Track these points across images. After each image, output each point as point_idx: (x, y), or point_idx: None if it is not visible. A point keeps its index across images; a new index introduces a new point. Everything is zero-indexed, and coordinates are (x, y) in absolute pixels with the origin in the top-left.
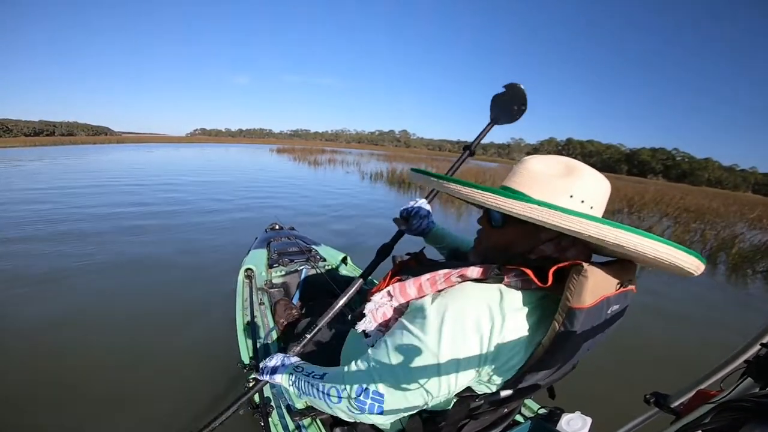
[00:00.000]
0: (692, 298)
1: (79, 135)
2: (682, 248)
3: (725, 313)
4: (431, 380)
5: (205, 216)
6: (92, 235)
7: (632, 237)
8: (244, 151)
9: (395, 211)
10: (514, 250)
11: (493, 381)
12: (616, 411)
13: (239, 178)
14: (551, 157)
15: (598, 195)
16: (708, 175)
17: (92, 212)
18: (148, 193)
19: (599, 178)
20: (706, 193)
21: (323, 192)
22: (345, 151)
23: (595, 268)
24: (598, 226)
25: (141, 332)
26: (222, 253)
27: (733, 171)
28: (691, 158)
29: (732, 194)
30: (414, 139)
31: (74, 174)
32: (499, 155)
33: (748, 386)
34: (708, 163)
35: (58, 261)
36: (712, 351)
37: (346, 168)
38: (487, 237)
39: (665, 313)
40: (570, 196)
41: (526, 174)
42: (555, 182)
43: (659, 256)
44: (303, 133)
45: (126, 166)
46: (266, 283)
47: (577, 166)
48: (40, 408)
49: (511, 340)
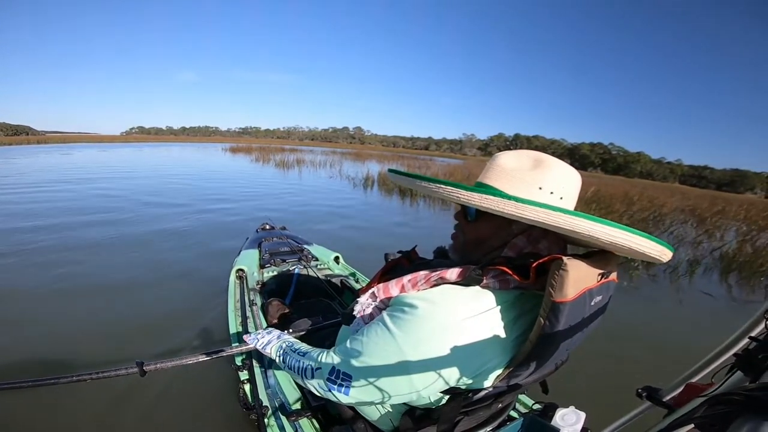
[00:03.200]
0: (685, 292)
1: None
2: (640, 234)
3: (719, 303)
4: (396, 376)
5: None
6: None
7: (586, 223)
8: (192, 151)
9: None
10: (489, 244)
11: (478, 379)
12: (610, 405)
13: (200, 189)
14: (521, 152)
15: (567, 186)
16: (640, 168)
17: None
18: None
19: (568, 170)
20: (657, 186)
21: (326, 209)
22: (306, 149)
23: (575, 261)
24: (548, 212)
25: (130, 335)
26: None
27: (661, 164)
28: (626, 152)
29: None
30: (368, 135)
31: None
32: (451, 150)
33: (739, 379)
34: (641, 156)
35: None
36: (704, 343)
37: (322, 171)
38: (463, 231)
39: (657, 306)
40: (539, 187)
41: (498, 169)
42: (524, 175)
43: (615, 242)
44: (253, 130)
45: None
46: (258, 283)
47: (545, 159)
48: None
49: (484, 340)
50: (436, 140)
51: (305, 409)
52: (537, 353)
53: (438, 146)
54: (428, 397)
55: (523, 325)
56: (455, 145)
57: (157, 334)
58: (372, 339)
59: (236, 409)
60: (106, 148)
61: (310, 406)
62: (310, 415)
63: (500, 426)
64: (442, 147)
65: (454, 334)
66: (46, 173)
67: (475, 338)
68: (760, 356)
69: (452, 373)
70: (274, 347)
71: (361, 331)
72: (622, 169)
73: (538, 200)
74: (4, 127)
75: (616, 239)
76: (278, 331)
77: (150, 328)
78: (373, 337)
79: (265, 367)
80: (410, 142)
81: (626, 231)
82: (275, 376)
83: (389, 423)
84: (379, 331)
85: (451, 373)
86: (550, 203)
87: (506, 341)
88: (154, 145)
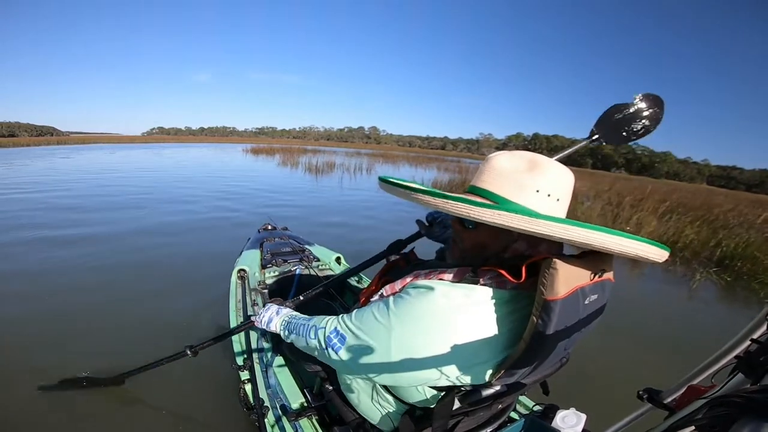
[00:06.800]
0: (687, 293)
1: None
2: (646, 240)
3: (721, 310)
4: (382, 360)
5: None
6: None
7: (598, 235)
8: (215, 152)
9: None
10: (489, 250)
11: (469, 375)
12: (611, 407)
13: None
14: (515, 153)
15: (563, 187)
16: (667, 168)
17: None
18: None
19: (563, 171)
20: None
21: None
22: (328, 150)
23: (565, 259)
24: (566, 228)
25: (132, 335)
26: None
27: (687, 164)
28: (651, 152)
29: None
30: (384, 135)
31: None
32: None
33: (740, 381)
34: (667, 156)
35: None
36: (708, 344)
37: (362, 178)
38: (461, 239)
39: (659, 308)
40: (536, 190)
41: (493, 172)
42: (521, 178)
43: (624, 251)
44: (269, 130)
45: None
46: (260, 283)
47: (539, 160)
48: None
49: (475, 332)
50: (452, 140)
51: (306, 409)
52: (531, 352)
53: (454, 146)
54: (420, 391)
55: (517, 323)
56: (472, 145)
57: (158, 333)
58: (372, 318)
59: (237, 409)
60: (144, 147)
61: (311, 406)
62: (311, 415)
63: (500, 427)
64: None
65: (444, 319)
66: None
67: (467, 328)
68: (761, 358)
69: (438, 360)
70: (278, 322)
71: (370, 306)
72: (647, 169)
73: (537, 204)
74: (29, 128)
75: (627, 249)
76: (276, 306)
77: (144, 329)
78: (373, 317)
79: (266, 367)
80: (426, 141)
81: (635, 240)
82: (276, 376)
83: (389, 423)
84: (380, 314)
85: (436, 360)
86: (550, 206)
87: (498, 337)
88: (180, 146)
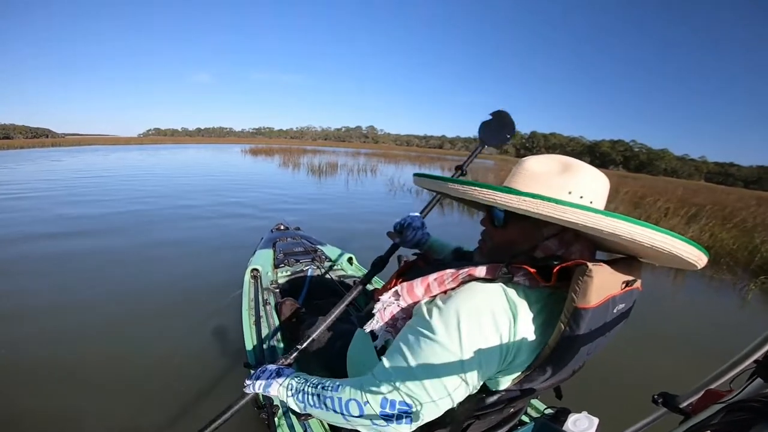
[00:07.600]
0: (708, 296)
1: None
2: (680, 237)
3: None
4: (456, 381)
5: None
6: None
7: (627, 226)
8: (212, 154)
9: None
10: (518, 248)
11: (500, 379)
12: (624, 411)
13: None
14: (548, 157)
15: (596, 190)
16: (665, 166)
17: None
18: None
19: (597, 174)
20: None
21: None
22: (328, 150)
23: (600, 267)
24: (589, 214)
25: (146, 333)
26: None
27: (685, 161)
28: (649, 149)
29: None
30: (381, 134)
31: None
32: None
33: (758, 386)
34: (665, 154)
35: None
36: (725, 349)
37: (368, 180)
38: (490, 237)
39: (676, 311)
40: (569, 192)
41: (525, 174)
42: (553, 180)
43: (655, 245)
44: (266, 130)
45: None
46: (272, 283)
47: (573, 163)
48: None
49: (522, 338)
50: (450, 138)
51: None
52: (555, 359)
53: (452, 144)
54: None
55: (543, 326)
56: (470, 143)
57: (172, 332)
58: (418, 354)
59: (247, 407)
60: (142, 150)
61: None
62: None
63: (511, 430)
64: (456, 145)
65: (488, 326)
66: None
67: (504, 333)
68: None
69: (485, 368)
70: (281, 389)
71: (398, 350)
72: (645, 166)
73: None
74: (24, 130)
75: (657, 242)
76: (274, 366)
77: (159, 327)
78: (418, 352)
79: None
80: (424, 140)
81: (666, 234)
82: None
83: None
84: (423, 344)
85: (485, 368)
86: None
87: (528, 341)
88: (177, 147)
